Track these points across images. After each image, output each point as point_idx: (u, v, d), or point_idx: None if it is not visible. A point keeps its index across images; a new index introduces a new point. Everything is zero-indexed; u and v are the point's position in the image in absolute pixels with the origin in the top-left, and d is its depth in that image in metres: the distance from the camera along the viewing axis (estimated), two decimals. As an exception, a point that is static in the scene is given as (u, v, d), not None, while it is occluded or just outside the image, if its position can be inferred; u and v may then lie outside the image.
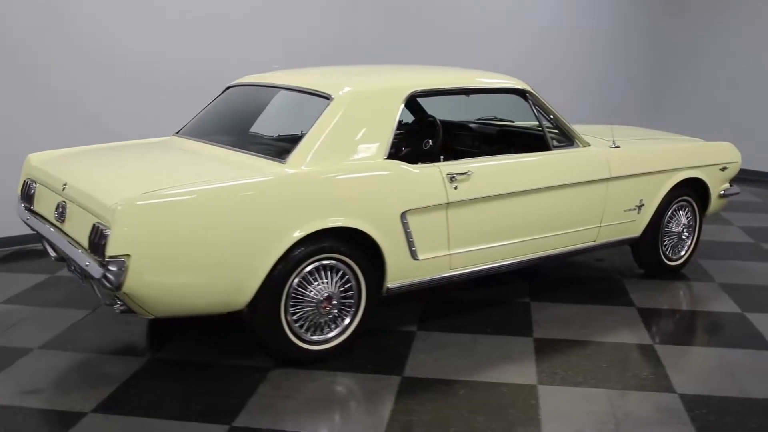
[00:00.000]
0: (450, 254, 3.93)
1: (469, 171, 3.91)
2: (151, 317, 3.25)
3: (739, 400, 3.34)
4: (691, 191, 5.05)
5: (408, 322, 4.19)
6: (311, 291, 3.51)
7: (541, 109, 4.34)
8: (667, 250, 5.04)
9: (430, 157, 4.02)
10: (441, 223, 3.85)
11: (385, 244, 3.66)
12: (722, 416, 3.19)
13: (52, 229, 3.62)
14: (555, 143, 4.38)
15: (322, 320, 3.58)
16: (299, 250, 3.41)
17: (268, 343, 3.51)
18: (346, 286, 3.62)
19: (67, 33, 5.56)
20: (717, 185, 5.19)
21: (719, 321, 4.38)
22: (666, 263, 5.07)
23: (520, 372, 3.59)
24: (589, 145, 4.49)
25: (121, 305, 3.20)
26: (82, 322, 4.12)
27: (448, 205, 3.84)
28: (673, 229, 5.00)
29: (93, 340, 3.91)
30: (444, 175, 3.82)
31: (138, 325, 4.06)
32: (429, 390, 3.40)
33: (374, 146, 3.68)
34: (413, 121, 5.03)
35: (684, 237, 5.08)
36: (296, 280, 3.46)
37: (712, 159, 5.14)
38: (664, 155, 4.90)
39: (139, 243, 3.04)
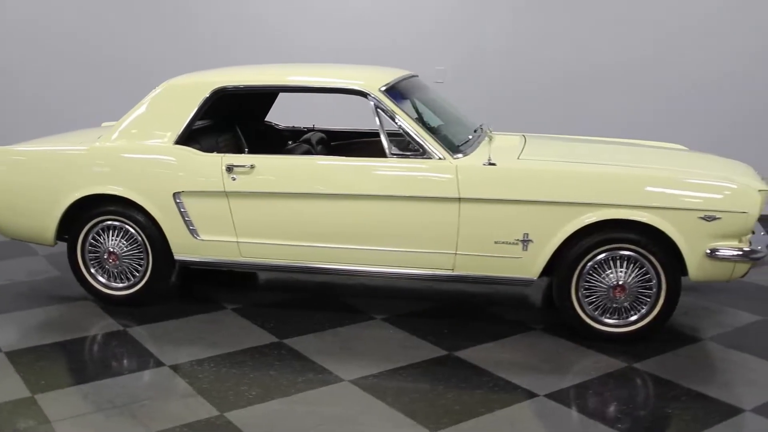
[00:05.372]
0: (238, 242, 4.15)
1: (251, 165, 4.05)
2: (7, 237, 4.60)
3: None
4: (647, 239, 3.77)
5: (240, 302, 4.52)
6: (101, 244, 4.34)
7: (387, 113, 4.01)
8: (593, 309, 3.89)
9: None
10: (222, 210, 4.13)
11: (162, 218, 4.21)
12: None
13: None
14: (396, 150, 4.00)
15: (111, 270, 4.36)
16: (89, 211, 4.30)
17: (75, 278, 4.48)
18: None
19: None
20: (698, 239, 3.71)
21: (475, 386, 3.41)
22: (593, 326, 3.92)
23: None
24: (444, 159, 3.90)
25: (-11, 224, 4.65)
26: None
27: (227, 194, 4.09)
28: (602, 284, 3.84)
29: None
30: (223, 165, 4.08)
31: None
32: (112, 340, 4.00)
33: (168, 132, 4.21)
34: None
35: (620, 299, 3.84)
36: (91, 233, 4.35)
37: (681, 202, 3.71)
38: (568, 183, 3.79)
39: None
